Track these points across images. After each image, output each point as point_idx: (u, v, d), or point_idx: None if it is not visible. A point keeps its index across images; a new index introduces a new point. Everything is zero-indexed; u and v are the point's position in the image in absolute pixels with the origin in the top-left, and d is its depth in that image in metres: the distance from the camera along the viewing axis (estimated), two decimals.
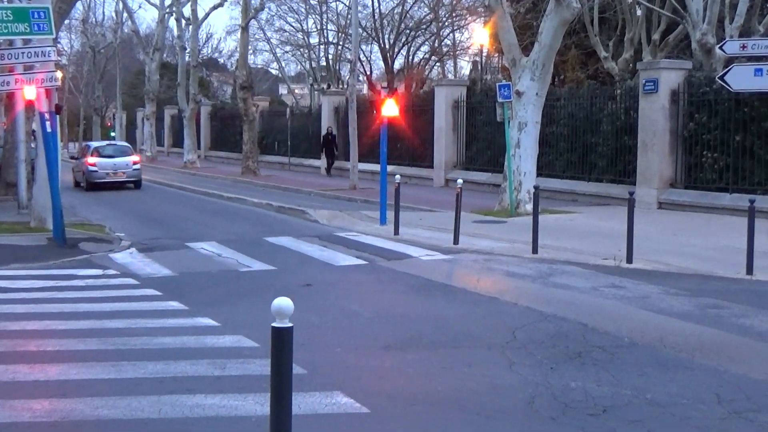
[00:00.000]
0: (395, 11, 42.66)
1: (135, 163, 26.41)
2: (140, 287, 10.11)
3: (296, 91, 61.46)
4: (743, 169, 16.78)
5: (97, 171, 25.76)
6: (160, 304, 9.00)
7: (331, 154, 30.49)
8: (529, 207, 16.57)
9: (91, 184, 25.65)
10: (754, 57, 16.43)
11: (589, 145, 20.71)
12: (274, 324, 4.31)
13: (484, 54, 42.43)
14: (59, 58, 30.02)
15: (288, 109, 35.87)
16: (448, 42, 46.11)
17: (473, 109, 25.13)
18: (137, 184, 26.33)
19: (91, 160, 25.98)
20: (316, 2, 45.42)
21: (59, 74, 14.85)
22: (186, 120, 38.32)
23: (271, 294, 8.78)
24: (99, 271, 11.25)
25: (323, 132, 32.33)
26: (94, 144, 28.18)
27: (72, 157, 32.55)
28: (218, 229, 15.95)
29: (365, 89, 49.67)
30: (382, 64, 45.89)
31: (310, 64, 48.22)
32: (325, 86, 42.46)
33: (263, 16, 45.50)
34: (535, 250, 12.14)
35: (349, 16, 34.49)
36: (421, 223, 16.19)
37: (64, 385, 6.05)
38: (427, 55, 45.04)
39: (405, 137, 27.98)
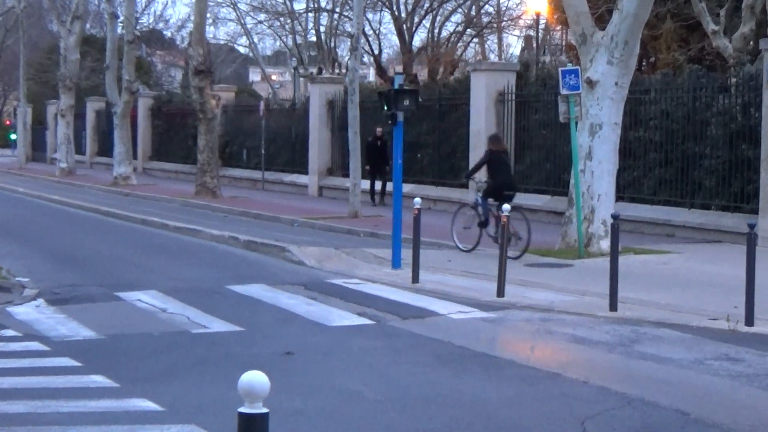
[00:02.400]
0: None
1: None
2: (51, 355, 10.16)
3: (274, 77, 61.86)
4: None
5: None
6: (80, 380, 9.02)
7: (380, 170, 27.98)
8: (606, 244, 16.58)
9: None
10: None
11: (690, 157, 20.76)
12: (241, 409, 4.32)
13: (541, 26, 42.72)
14: None
15: (262, 104, 36.08)
16: (490, 9, 46.40)
17: (525, 105, 25.27)
18: None
19: None
20: None
21: None
22: (117, 118, 38.55)
23: (237, 366, 8.72)
24: None
25: (312, 136, 32.62)
26: None
27: None
28: (162, 272, 16.01)
29: (371, 75, 49.74)
30: (395, 39, 46.18)
31: (294, 40, 48.54)
32: (314, 71, 42.70)
33: None
34: (613, 306, 12.16)
35: None
36: (450, 267, 16.21)
37: None
38: (459, 28, 45.27)
39: (428, 144, 28.10)
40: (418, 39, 46.55)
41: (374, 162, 28.01)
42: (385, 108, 15.94)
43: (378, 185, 28.20)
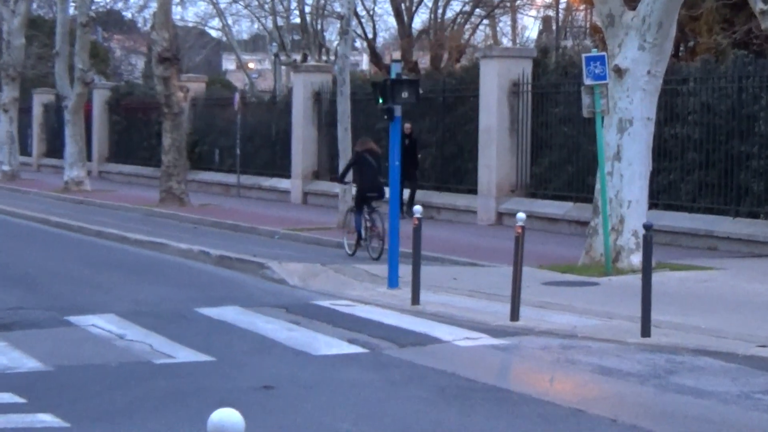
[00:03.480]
0: None
1: None
2: None
3: (251, 65, 61.89)
4: None
5: None
6: (23, 419, 8.97)
7: (409, 174, 26.23)
8: (637, 259, 16.57)
9: None
10: None
11: (735, 158, 20.75)
12: None
13: (562, 6, 42.78)
14: None
15: (237, 96, 36.06)
16: None
17: (543, 97, 25.34)
18: None
19: None
20: None
21: None
22: (69, 113, 38.49)
23: (206, 402, 8.70)
24: None
25: (296, 134, 32.61)
26: None
27: None
28: (120, 293, 16.00)
29: (364, 63, 49.78)
30: (392, 21, 46.24)
31: (275, 22, 48.58)
32: (298, 58, 42.74)
33: None
34: (646, 332, 12.15)
35: None
36: (456, 286, 16.23)
37: None
38: (467, 8, 45.33)
39: (431, 142, 28.11)
40: (419, 21, 46.63)
41: (402, 164, 26.63)
42: (380, 101, 15.93)
43: (406, 194, 26.32)
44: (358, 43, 44.80)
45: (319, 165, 32.47)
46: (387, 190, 18.22)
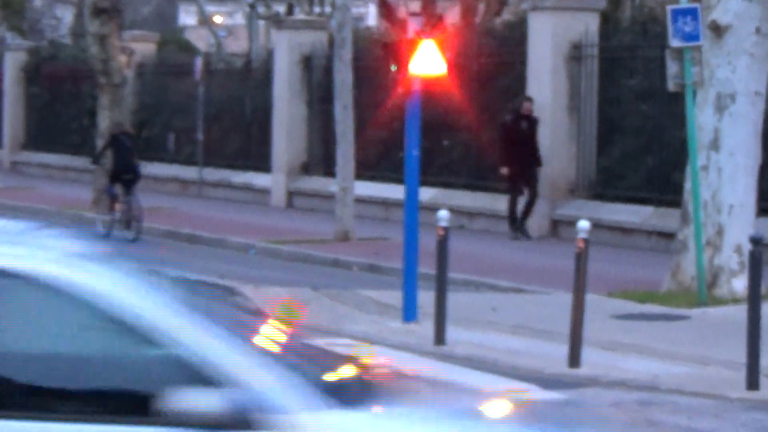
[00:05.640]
0: None
1: None
2: None
3: (218, 19, 61.82)
4: None
5: None
6: None
7: (529, 174, 25.94)
8: (741, 284, 16.56)
9: None
10: None
11: None
12: None
13: None
14: None
15: (199, 61, 36.05)
16: None
17: (614, 64, 25.51)
18: None
19: None
20: None
21: None
22: None
23: None
24: None
25: (279, 113, 32.56)
26: None
27: None
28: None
29: (371, 17, 49.81)
30: None
31: None
32: (282, 10, 42.65)
33: None
34: (754, 383, 12.14)
35: None
36: (495, 319, 16.30)
37: None
38: None
39: (461, 125, 27.98)
40: None
41: (519, 159, 25.78)
42: (394, 68, 15.93)
43: (520, 202, 25.75)
44: None
45: (309, 155, 32.45)
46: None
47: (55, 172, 41.95)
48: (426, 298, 15.60)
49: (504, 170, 25.56)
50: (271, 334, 5.56)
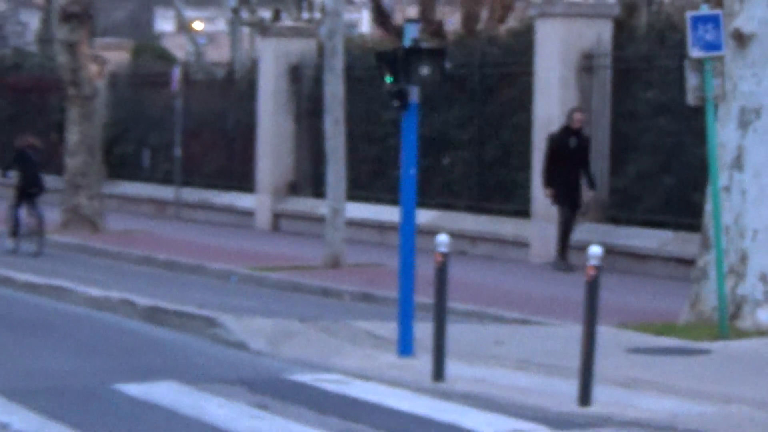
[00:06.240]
0: None
1: None
2: None
3: (196, 26, 61.89)
4: None
5: None
6: None
7: (578, 194, 25.92)
8: (765, 315, 16.57)
9: None
10: None
11: None
12: None
13: None
14: None
15: (177, 71, 36.19)
16: None
17: (628, 75, 25.54)
18: None
19: None
20: None
21: None
22: None
23: None
24: None
25: (264, 127, 32.55)
26: None
27: None
28: (4, 361, 15.99)
29: (365, 24, 50.04)
30: None
31: None
32: (268, 16, 42.78)
33: None
34: None
35: None
36: (499, 353, 16.22)
37: None
38: None
39: (462, 141, 28.09)
40: None
41: (568, 177, 25.79)
42: (389, 79, 15.95)
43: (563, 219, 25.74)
44: None
45: (297, 173, 32.58)
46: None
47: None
48: (424, 330, 15.56)
49: (546, 191, 25.44)
50: None
